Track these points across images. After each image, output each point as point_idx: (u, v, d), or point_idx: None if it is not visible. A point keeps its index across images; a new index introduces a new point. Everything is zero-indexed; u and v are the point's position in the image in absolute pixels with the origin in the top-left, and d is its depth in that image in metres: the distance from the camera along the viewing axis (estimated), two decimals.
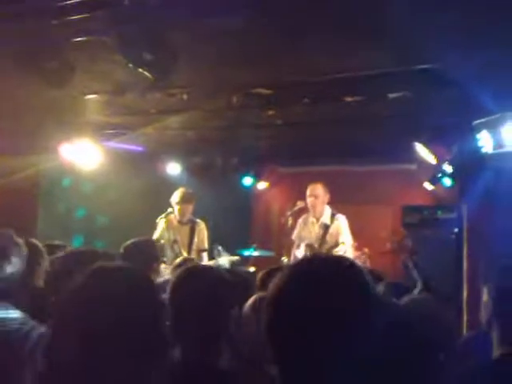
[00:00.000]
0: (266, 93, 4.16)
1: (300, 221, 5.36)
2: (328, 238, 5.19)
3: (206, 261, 5.39)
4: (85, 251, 2.59)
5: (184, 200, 5.33)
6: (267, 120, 5.20)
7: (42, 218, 5.63)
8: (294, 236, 5.42)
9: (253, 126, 5.59)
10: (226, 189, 7.15)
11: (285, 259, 5.51)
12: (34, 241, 3.15)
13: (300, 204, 5.34)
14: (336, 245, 5.20)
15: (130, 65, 2.92)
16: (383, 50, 3.21)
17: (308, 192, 5.22)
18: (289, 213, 5.32)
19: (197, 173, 6.93)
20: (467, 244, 4.78)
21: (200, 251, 5.43)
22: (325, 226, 5.22)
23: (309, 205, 5.22)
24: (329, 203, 5.34)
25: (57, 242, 3.84)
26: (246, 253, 5.79)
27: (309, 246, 5.26)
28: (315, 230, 5.29)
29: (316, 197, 5.17)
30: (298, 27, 2.95)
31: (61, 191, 5.78)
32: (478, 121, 4.09)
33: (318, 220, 5.28)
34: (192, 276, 1.75)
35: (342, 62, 3.48)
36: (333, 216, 5.24)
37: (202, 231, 5.46)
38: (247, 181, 7.44)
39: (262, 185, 7.70)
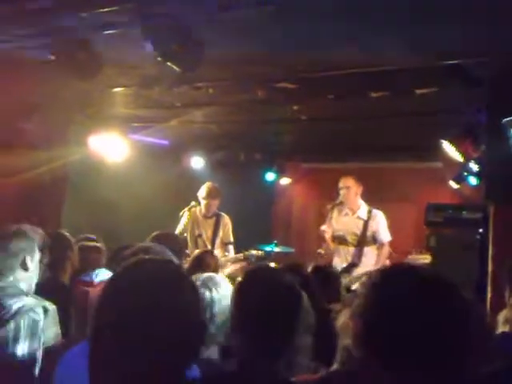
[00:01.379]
0: (290, 87, 4.15)
1: (334, 211, 5.30)
2: (367, 234, 5.17)
3: (232, 253, 5.43)
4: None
5: (211, 195, 5.36)
6: (291, 115, 5.18)
7: (70, 210, 5.72)
8: (324, 226, 5.35)
9: (277, 120, 5.59)
10: (248, 184, 7.16)
11: (321, 251, 5.47)
12: (64, 232, 3.16)
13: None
14: (374, 241, 5.16)
15: (159, 58, 2.94)
16: (411, 45, 3.17)
17: (340, 184, 5.24)
18: (329, 206, 5.31)
19: (220, 167, 6.95)
20: (493, 245, 4.67)
21: (226, 244, 5.47)
22: (363, 220, 5.19)
23: (342, 197, 5.23)
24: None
25: (90, 236, 3.84)
26: (267, 248, 5.80)
27: (338, 238, 5.25)
28: (351, 223, 5.25)
29: (348, 188, 5.18)
30: (324, 22, 2.94)
31: (88, 184, 5.86)
32: (507, 118, 4.00)
33: (353, 212, 5.25)
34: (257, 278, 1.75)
35: (368, 57, 3.44)
36: (370, 212, 5.21)
37: (227, 224, 5.49)
38: (270, 176, 7.43)
39: (284, 180, 7.69)
